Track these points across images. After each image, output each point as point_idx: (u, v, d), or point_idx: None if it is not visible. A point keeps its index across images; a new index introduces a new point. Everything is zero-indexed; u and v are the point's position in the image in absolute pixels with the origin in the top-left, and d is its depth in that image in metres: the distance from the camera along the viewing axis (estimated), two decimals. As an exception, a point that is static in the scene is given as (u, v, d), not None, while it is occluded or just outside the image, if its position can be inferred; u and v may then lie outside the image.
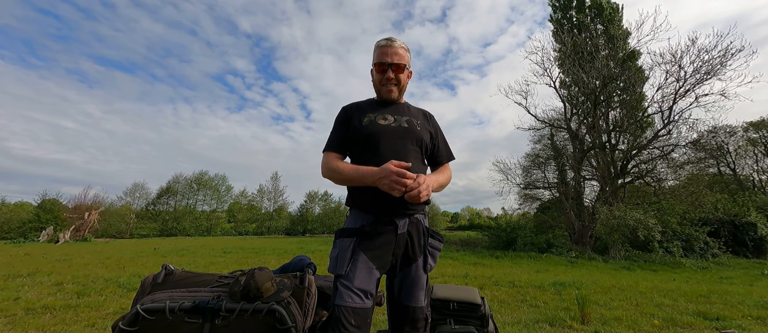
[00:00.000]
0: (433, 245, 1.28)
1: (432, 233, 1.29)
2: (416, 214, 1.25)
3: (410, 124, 1.31)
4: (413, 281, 1.21)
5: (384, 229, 1.19)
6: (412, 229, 1.22)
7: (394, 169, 1.08)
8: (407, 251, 1.21)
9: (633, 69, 14.09)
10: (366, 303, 1.10)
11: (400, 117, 1.33)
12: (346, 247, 1.19)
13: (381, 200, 1.17)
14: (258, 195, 39.31)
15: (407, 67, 1.35)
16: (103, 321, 2.87)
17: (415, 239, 1.22)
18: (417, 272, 1.22)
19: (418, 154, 1.29)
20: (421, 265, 1.23)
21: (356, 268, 1.14)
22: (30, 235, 20.93)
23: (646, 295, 4.42)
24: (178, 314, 1.10)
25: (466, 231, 38.55)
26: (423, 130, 1.33)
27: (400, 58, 1.31)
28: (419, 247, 1.23)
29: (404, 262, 1.22)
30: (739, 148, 21.33)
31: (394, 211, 1.20)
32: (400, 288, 1.22)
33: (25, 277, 4.92)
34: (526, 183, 17.54)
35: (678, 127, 12.70)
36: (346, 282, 1.12)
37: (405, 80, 1.37)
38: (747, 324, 3.13)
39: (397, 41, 1.33)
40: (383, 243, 1.17)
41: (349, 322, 1.05)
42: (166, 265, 1.34)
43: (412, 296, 1.20)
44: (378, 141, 1.25)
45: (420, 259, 1.23)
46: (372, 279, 1.13)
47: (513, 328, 2.91)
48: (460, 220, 77.92)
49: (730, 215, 12.77)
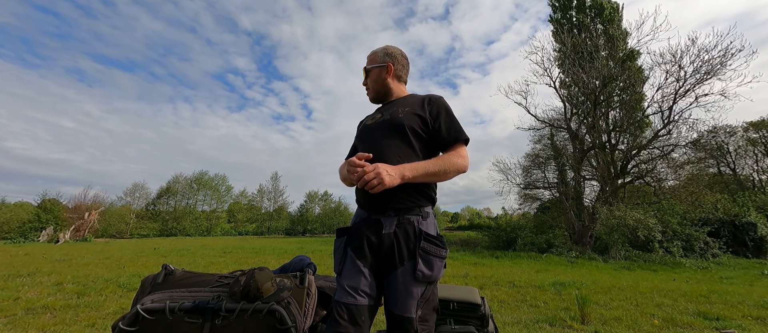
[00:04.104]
0: (428, 250, 1.13)
1: (427, 237, 1.15)
2: (408, 214, 1.17)
3: (393, 116, 1.27)
4: (400, 287, 1.10)
5: (369, 228, 1.18)
6: (401, 230, 1.15)
7: (351, 160, 1.14)
8: (393, 254, 1.12)
9: (633, 69, 14.09)
10: (359, 300, 1.09)
11: (387, 111, 1.33)
12: (338, 245, 1.25)
13: (363, 193, 1.22)
14: (258, 195, 39.33)
15: (372, 67, 1.42)
16: (103, 321, 2.87)
17: (403, 241, 1.13)
18: (404, 278, 1.10)
19: (401, 144, 1.23)
20: (409, 270, 1.11)
21: (346, 266, 1.17)
22: (30, 235, 20.90)
23: (646, 295, 4.43)
24: (178, 314, 1.10)
25: (466, 231, 38.52)
26: (408, 117, 1.25)
27: (366, 64, 1.45)
28: (408, 251, 1.13)
29: (391, 266, 1.13)
30: (739, 148, 21.34)
31: (381, 209, 1.19)
32: (388, 293, 1.14)
33: (25, 277, 4.92)
34: (526, 183, 17.54)
35: (678, 127, 12.71)
36: (339, 279, 1.16)
37: (375, 79, 1.42)
38: (747, 324, 3.14)
39: (371, 51, 1.46)
40: (366, 242, 1.16)
41: (342, 317, 1.06)
42: (166, 265, 1.35)
43: (399, 304, 1.09)
44: (361, 140, 1.35)
45: (408, 263, 1.11)
46: (362, 277, 1.12)
47: (513, 328, 2.91)
48: (460, 220, 77.93)
49: (730, 215, 12.76)
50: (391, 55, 1.41)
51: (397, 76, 1.43)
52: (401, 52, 1.45)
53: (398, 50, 1.44)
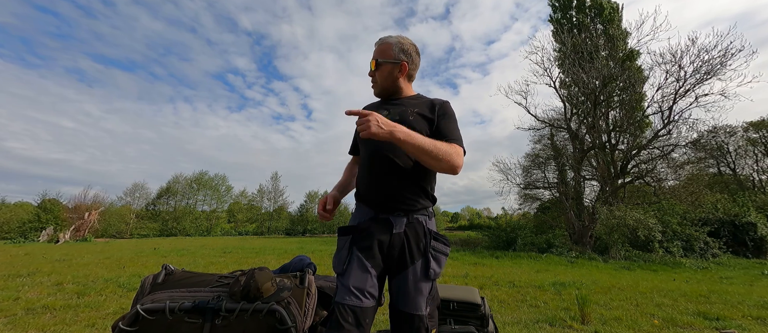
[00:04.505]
0: (438, 248, 1.19)
1: (436, 236, 1.21)
2: (416, 213, 1.20)
3: (402, 117, 1.23)
4: (411, 286, 1.13)
5: (378, 228, 1.17)
6: (410, 230, 1.17)
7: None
8: (403, 253, 1.15)
9: (633, 69, 14.09)
10: (364, 302, 1.08)
11: (394, 110, 1.27)
12: (343, 245, 1.21)
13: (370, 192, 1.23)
14: (258, 195, 39.32)
15: (384, 61, 1.31)
16: (103, 321, 2.87)
17: (413, 240, 1.16)
18: (415, 276, 1.14)
19: None
20: (420, 268, 1.15)
21: (352, 266, 1.14)
22: (30, 235, 20.90)
23: (646, 295, 4.43)
24: (178, 314, 1.10)
25: (466, 231, 38.49)
26: (418, 120, 1.23)
27: (376, 54, 1.33)
28: (418, 250, 1.16)
29: (401, 265, 1.15)
30: (739, 148, 21.35)
31: (390, 208, 1.19)
32: (397, 292, 1.15)
33: (25, 277, 4.92)
34: (526, 183, 17.55)
35: (678, 127, 12.71)
36: (343, 280, 1.13)
37: (384, 75, 1.32)
38: (747, 324, 3.14)
39: (383, 38, 1.34)
40: (377, 242, 1.15)
41: (346, 320, 1.04)
42: (166, 265, 1.35)
43: (409, 302, 1.12)
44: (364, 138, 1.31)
45: (419, 262, 1.15)
46: (368, 278, 1.11)
47: (513, 328, 2.91)
48: (460, 220, 77.91)
49: (730, 215, 12.76)
50: (407, 52, 1.32)
51: (409, 76, 1.36)
52: (416, 49, 1.36)
53: (413, 46, 1.35)
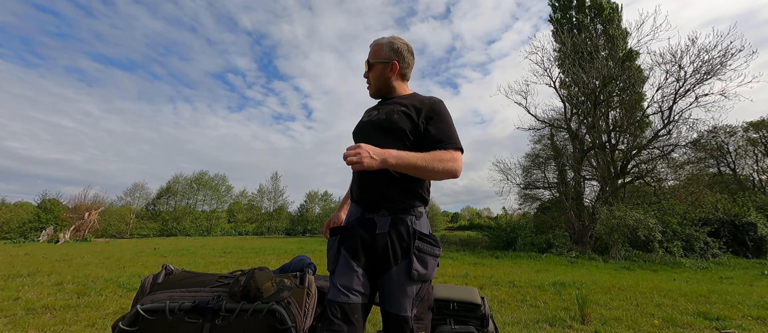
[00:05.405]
0: (423, 249, 1.15)
1: (422, 236, 1.17)
2: (402, 213, 1.18)
3: (388, 116, 1.24)
4: (394, 286, 1.12)
5: (362, 227, 1.19)
6: (394, 230, 1.16)
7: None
8: (387, 253, 1.14)
9: (633, 69, 14.09)
10: (351, 299, 1.10)
11: (383, 109, 1.29)
12: (332, 244, 1.27)
13: (358, 191, 1.25)
14: (258, 195, 39.32)
15: (376, 61, 1.33)
16: (103, 321, 2.87)
17: (397, 241, 1.15)
18: (399, 277, 1.12)
19: (394, 144, 1.17)
20: (403, 269, 1.12)
21: (339, 264, 1.18)
22: (30, 235, 20.92)
23: (646, 295, 4.43)
24: (178, 314, 1.10)
25: (466, 231, 38.55)
26: (402, 119, 1.22)
27: (369, 56, 1.36)
28: (402, 250, 1.14)
29: (385, 265, 1.14)
30: (739, 148, 21.33)
31: (375, 208, 1.20)
32: (383, 292, 1.15)
33: (25, 277, 4.92)
34: (526, 183, 17.57)
35: (678, 127, 12.73)
36: (333, 278, 1.18)
37: (377, 75, 1.34)
38: (747, 324, 3.14)
39: (376, 40, 1.38)
40: (360, 241, 1.17)
41: (336, 316, 1.07)
42: (166, 265, 1.35)
43: (393, 303, 1.11)
44: (355, 137, 1.34)
45: (402, 262, 1.13)
46: (355, 276, 1.13)
47: (513, 328, 2.91)
48: (460, 220, 77.95)
49: (730, 215, 12.76)
50: (397, 51, 1.32)
51: (402, 75, 1.36)
52: (408, 48, 1.36)
53: (405, 45, 1.35)
